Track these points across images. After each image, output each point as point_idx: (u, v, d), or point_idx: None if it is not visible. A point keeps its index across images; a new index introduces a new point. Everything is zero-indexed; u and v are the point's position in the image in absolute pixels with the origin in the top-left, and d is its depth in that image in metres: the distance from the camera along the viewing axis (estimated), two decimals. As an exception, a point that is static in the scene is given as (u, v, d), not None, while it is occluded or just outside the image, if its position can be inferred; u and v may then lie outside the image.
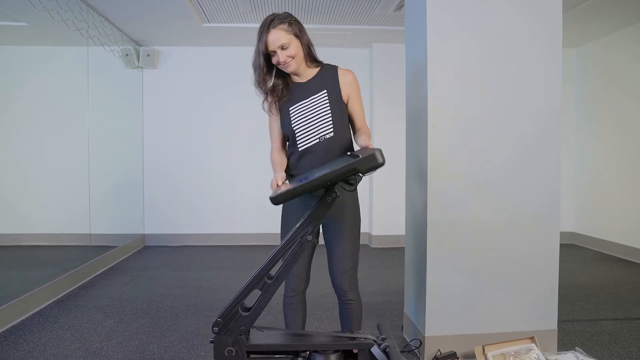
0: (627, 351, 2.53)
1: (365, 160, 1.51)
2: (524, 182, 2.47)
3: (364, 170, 1.52)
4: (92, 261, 4.35)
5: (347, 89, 2.00)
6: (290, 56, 1.90)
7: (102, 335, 2.79)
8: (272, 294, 1.64)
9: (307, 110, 1.97)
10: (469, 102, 2.43)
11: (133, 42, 5.38)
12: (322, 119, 1.95)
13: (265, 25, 1.89)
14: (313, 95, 1.97)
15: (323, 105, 1.96)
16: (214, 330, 1.62)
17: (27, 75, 4.39)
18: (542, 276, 2.51)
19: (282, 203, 1.64)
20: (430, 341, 2.44)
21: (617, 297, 3.51)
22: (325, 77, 1.99)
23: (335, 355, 1.66)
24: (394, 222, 5.57)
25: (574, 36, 5.25)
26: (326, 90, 1.97)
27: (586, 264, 4.69)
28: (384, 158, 1.51)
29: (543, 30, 2.45)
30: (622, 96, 5.00)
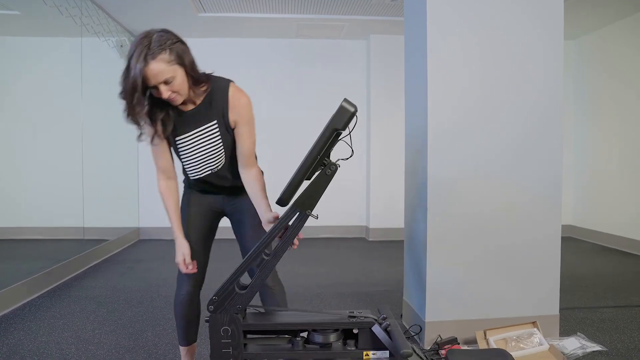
0: (629, 337, 2.50)
1: (338, 115, 1.43)
2: (526, 169, 2.44)
3: (342, 125, 1.43)
4: (85, 252, 4.28)
5: (234, 114, 1.74)
6: (175, 92, 1.60)
7: (95, 324, 2.73)
8: (269, 271, 1.58)
9: (197, 143, 1.76)
10: (470, 93, 2.39)
11: (127, 32, 5.32)
12: (213, 153, 1.78)
13: (140, 55, 1.51)
14: (202, 126, 1.74)
15: (213, 137, 1.76)
16: (209, 308, 1.56)
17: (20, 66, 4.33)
18: (543, 262, 2.48)
19: (289, 201, 1.54)
20: (431, 327, 2.39)
21: (616, 286, 3.48)
22: (215, 101, 1.73)
23: (335, 335, 1.61)
24: (391, 215, 5.54)
25: (572, 28, 5.23)
26: (216, 120, 1.74)
27: (585, 256, 4.66)
28: (353, 104, 1.44)
29: (543, 19, 2.41)
30: (620, 89, 4.98)
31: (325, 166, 1.54)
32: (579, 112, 5.68)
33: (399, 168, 3.23)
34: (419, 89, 2.50)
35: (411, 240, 2.67)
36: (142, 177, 5.73)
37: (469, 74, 2.39)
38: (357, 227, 5.86)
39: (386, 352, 1.59)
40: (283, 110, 5.73)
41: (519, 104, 2.42)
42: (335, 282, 3.69)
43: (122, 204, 5.50)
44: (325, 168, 1.54)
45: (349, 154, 1.60)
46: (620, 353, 2.29)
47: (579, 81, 5.66)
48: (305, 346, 1.61)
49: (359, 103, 5.70)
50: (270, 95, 5.71)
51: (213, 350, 1.57)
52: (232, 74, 5.32)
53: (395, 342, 1.54)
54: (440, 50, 2.37)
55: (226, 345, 1.57)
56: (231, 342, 1.57)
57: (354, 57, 5.77)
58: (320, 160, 1.50)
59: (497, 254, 2.44)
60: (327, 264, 4.29)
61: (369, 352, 1.59)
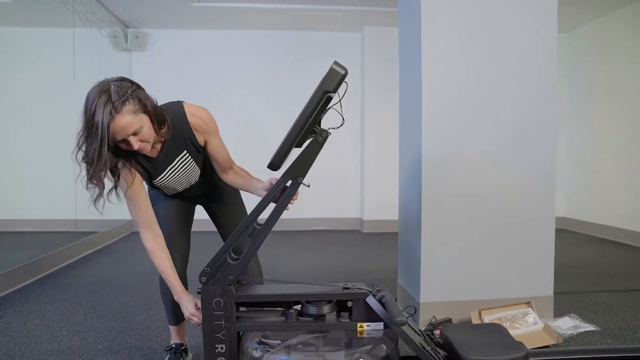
0: (622, 318, 2.50)
1: (328, 76, 1.42)
2: (520, 154, 2.43)
3: (333, 88, 1.41)
4: (77, 242, 4.25)
5: (200, 135, 1.71)
6: (146, 140, 1.52)
7: (87, 309, 2.70)
8: (261, 241, 1.57)
9: (173, 176, 1.75)
10: (465, 83, 2.38)
11: (121, 23, 5.29)
12: (190, 176, 1.79)
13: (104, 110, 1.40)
14: (173, 161, 1.71)
15: (188, 165, 1.75)
16: (202, 280, 1.55)
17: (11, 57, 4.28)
18: (538, 244, 2.47)
19: (281, 165, 1.51)
20: (425, 307, 2.39)
21: (610, 273, 3.49)
22: (178, 133, 1.67)
23: (329, 306, 1.60)
24: (386, 207, 5.53)
25: (565, 21, 5.24)
26: (185, 150, 1.71)
27: (580, 246, 4.68)
28: (344, 66, 1.43)
29: (538, 10, 2.41)
30: (615, 81, 5.00)
31: (316, 133, 1.52)
32: (574, 104, 5.70)
33: (393, 160, 3.21)
34: (413, 79, 2.49)
35: (405, 223, 2.66)
36: (135, 170, 5.69)
37: (464, 65, 2.38)
38: (351, 219, 5.85)
39: (380, 323, 1.58)
40: (276, 102, 5.71)
41: (514, 93, 2.41)
42: (329, 271, 3.67)
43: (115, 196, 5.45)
44: (316, 135, 1.52)
45: (340, 124, 1.58)
46: (614, 333, 2.29)
47: (573, 74, 5.68)
48: (299, 318, 1.59)
49: (353, 96, 5.70)
50: (263, 87, 5.69)
51: (205, 322, 1.56)
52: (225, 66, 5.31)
53: (389, 312, 1.53)
54: (434, 41, 2.36)
55: (218, 317, 1.55)
56: (223, 314, 1.55)
57: (349, 49, 5.76)
58: (311, 126, 1.48)
59: (491, 236, 2.43)
60: (321, 255, 4.28)
61: (363, 324, 1.58)
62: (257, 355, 1.54)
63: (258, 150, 4.29)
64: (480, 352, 1.57)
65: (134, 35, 5.38)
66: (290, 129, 1.47)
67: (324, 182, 5.68)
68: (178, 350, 1.92)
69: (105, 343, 2.19)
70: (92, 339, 2.24)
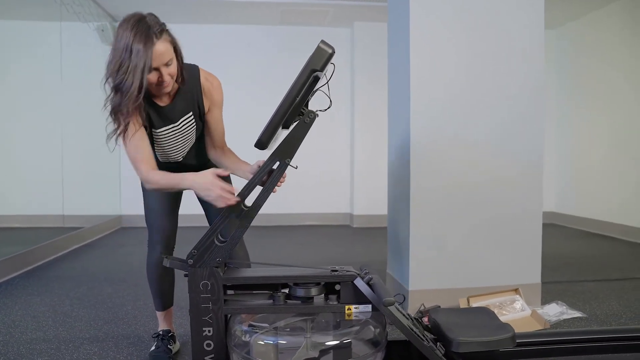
0: (607, 305, 2.53)
1: (315, 55, 1.41)
2: (509, 145, 2.45)
3: (321, 66, 1.41)
4: (65, 236, 4.20)
5: (208, 100, 1.74)
6: (172, 75, 1.56)
7: (74, 300, 2.67)
8: (249, 222, 1.56)
9: (172, 135, 1.72)
10: (453, 78, 2.40)
11: (109, 16, 5.23)
12: (186, 142, 1.77)
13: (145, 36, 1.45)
14: (178, 120, 1.70)
15: (189, 128, 1.74)
16: (189, 262, 1.53)
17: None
18: (525, 232, 2.49)
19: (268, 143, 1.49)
20: (414, 295, 2.39)
21: (597, 264, 3.52)
22: (189, 91, 1.70)
23: (317, 289, 1.60)
24: (375, 202, 5.53)
25: (553, 17, 5.29)
26: (191, 112, 1.72)
27: (568, 239, 4.72)
28: (331, 45, 1.43)
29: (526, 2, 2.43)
30: (603, 77, 5.05)
31: (304, 115, 1.52)
32: (563, 100, 5.75)
33: (384, 155, 3.21)
34: (402, 72, 2.49)
35: (394, 212, 2.67)
36: (123, 164, 5.63)
37: (452, 58, 2.39)
38: (341, 214, 5.85)
39: (368, 306, 1.58)
40: (266, 97, 5.68)
41: (502, 85, 2.43)
42: (319, 264, 3.67)
43: (104, 191, 5.40)
44: (303, 117, 1.52)
45: (327, 106, 1.58)
46: (600, 319, 2.32)
47: (562, 70, 5.74)
48: (287, 301, 1.59)
49: (343, 91, 5.70)
50: (253, 83, 5.67)
51: (192, 305, 1.55)
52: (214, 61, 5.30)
53: (377, 294, 1.53)
54: (423, 34, 2.37)
55: (205, 300, 1.54)
56: (211, 296, 1.54)
57: (338, 45, 5.72)
58: (298, 106, 1.47)
59: (480, 225, 2.45)
60: (311, 249, 4.28)
61: (351, 306, 1.58)
62: (245, 338, 1.53)
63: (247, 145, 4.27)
64: (467, 333, 1.57)
65: (123, 29, 5.33)
66: (276, 108, 1.46)
67: (314, 177, 5.67)
68: (165, 337, 1.90)
69: (91, 332, 2.17)
70: (78, 328, 2.21)
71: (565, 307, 2.40)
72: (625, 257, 3.80)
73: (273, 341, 1.51)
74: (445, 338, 1.57)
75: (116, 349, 1.98)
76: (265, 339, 1.51)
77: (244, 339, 1.54)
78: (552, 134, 5.83)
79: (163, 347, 1.87)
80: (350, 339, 1.54)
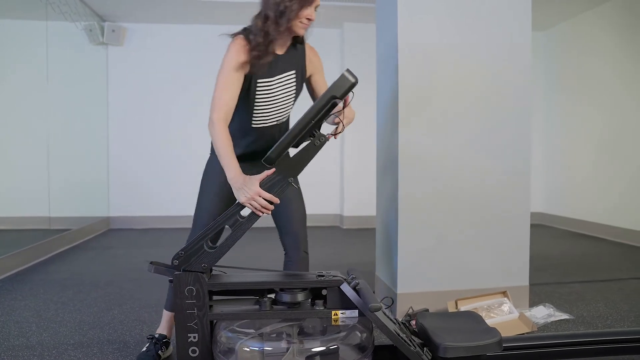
0: (594, 307, 2.55)
1: (338, 82, 1.47)
2: (496, 146, 2.45)
3: (340, 94, 1.46)
4: (51, 239, 4.14)
5: (312, 66, 1.85)
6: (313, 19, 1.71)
7: (58, 304, 2.63)
8: (242, 233, 1.56)
9: (275, 90, 1.78)
10: (441, 77, 2.39)
11: (97, 16, 5.18)
12: (286, 103, 1.82)
13: None
14: (283, 73, 1.78)
15: (290, 87, 1.80)
16: (174, 262, 1.52)
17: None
18: (513, 234, 2.50)
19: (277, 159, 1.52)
20: (402, 298, 2.39)
21: (583, 265, 3.55)
22: (296, 50, 1.81)
23: (303, 294, 1.59)
24: (365, 203, 5.52)
25: (542, 19, 5.32)
26: (295, 70, 1.80)
27: (555, 240, 4.75)
28: (355, 75, 1.46)
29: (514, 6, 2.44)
30: (590, 79, 5.09)
31: (315, 137, 1.54)
32: (550, 103, 5.79)
33: (373, 156, 3.22)
34: (390, 72, 2.49)
35: (383, 214, 2.66)
36: (112, 166, 5.58)
37: (440, 60, 2.39)
38: (331, 215, 5.84)
39: (355, 311, 1.57)
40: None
41: (490, 86, 2.43)
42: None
43: (91, 192, 5.35)
44: (314, 139, 1.55)
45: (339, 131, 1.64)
46: (586, 321, 2.33)
47: (549, 72, 5.78)
48: (273, 307, 1.58)
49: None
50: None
51: (177, 311, 1.53)
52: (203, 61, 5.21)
53: (364, 299, 1.52)
54: (411, 33, 2.36)
55: (191, 306, 1.53)
56: (196, 302, 1.53)
57: (328, 45, 5.74)
58: (312, 128, 1.50)
59: (468, 228, 2.45)
60: (301, 250, 4.26)
61: (337, 312, 1.57)
62: (230, 344, 1.51)
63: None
64: (454, 338, 1.57)
65: (111, 29, 5.28)
66: (292, 128, 1.48)
67: (303, 178, 5.63)
68: (159, 342, 1.88)
69: (76, 337, 2.14)
70: (62, 334, 2.18)
71: (552, 310, 2.41)
72: (611, 258, 3.84)
73: (259, 347, 1.50)
74: (432, 343, 1.57)
75: (101, 354, 1.96)
76: (251, 345, 1.49)
77: (230, 345, 1.52)
78: (540, 136, 5.87)
79: (153, 351, 1.85)
80: (337, 345, 1.53)
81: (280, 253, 1.97)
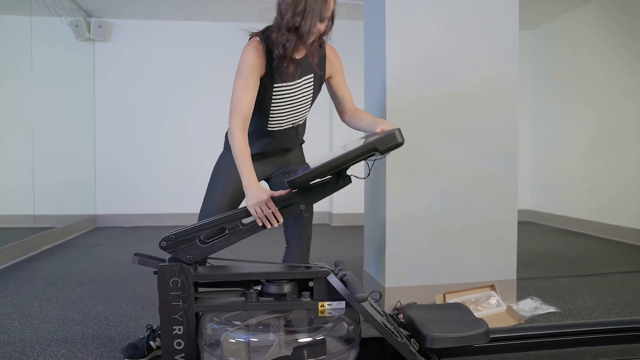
0: (581, 300, 2.57)
1: (385, 138, 1.44)
2: (484, 139, 2.45)
3: (382, 150, 1.44)
4: (37, 236, 4.08)
5: (331, 67, 1.81)
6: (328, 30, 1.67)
7: (42, 301, 2.59)
8: (237, 240, 1.55)
9: (291, 94, 1.75)
10: (429, 75, 2.39)
11: (83, 11, 5.12)
12: (302, 107, 1.80)
13: None
14: (301, 77, 1.74)
15: (307, 92, 1.78)
16: (162, 244, 1.50)
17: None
18: (501, 228, 2.50)
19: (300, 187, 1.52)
20: (391, 292, 2.38)
21: (571, 260, 3.58)
22: (314, 53, 1.74)
23: (289, 286, 1.57)
24: (354, 201, 5.52)
25: (530, 18, 5.36)
26: (313, 74, 1.77)
27: (542, 236, 4.79)
28: (403, 138, 1.43)
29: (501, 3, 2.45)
30: (578, 77, 5.14)
31: (341, 176, 1.54)
32: (538, 101, 5.83)
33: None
34: (377, 69, 2.49)
35: (371, 209, 2.66)
36: (99, 163, 5.52)
37: (428, 58, 2.39)
38: (320, 213, 5.83)
39: (342, 302, 1.56)
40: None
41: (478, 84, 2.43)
42: (297, 261, 3.64)
43: (77, 190, 5.28)
44: (339, 177, 1.55)
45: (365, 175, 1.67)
46: (573, 313, 2.35)
47: (537, 70, 5.82)
48: (259, 298, 1.56)
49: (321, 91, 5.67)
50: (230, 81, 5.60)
51: (162, 303, 1.51)
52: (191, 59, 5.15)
53: (351, 290, 1.51)
54: (398, 30, 2.36)
55: (175, 298, 1.50)
56: (181, 294, 1.50)
57: (318, 43, 5.74)
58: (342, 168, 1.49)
59: (456, 222, 2.45)
60: (289, 247, 4.24)
61: (324, 303, 1.56)
62: (216, 336, 1.49)
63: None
64: (442, 328, 1.57)
65: (97, 24, 5.22)
66: (327, 162, 1.45)
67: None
68: (153, 333, 1.86)
69: (60, 333, 2.10)
70: (46, 330, 2.14)
71: (539, 303, 2.42)
72: (598, 253, 3.87)
73: (245, 339, 1.48)
74: (419, 334, 1.56)
75: (85, 350, 1.92)
76: (237, 337, 1.47)
77: (215, 337, 1.50)
78: (528, 134, 5.92)
79: (144, 340, 1.84)
80: (323, 336, 1.52)
81: (270, 247, 1.96)
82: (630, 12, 4.36)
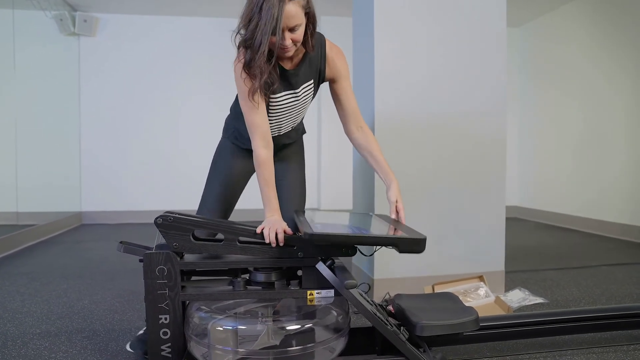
0: (568, 291, 2.58)
1: (411, 242, 1.43)
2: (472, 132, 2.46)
3: (402, 250, 1.43)
4: (19, 232, 4.00)
5: (334, 69, 1.68)
6: (296, 41, 1.50)
7: (25, 296, 2.54)
8: (227, 253, 1.54)
9: (289, 103, 1.68)
10: (417, 69, 2.40)
11: (68, 5, 5.04)
12: (301, 110, 1.75)
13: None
14: (299, 87, 1.66)
15: (306, 97, 1.71)
16: (157, 220, 1.47)
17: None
18: (489, 220, 2.51)
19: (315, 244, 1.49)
20: (379, 284, 2.38)
21: (558, 254, 3.61)
22: (314, 58, 1.65)
23: (278, 274, 1.56)
24: (342, 196, 5.52)
25: (517, 15, 5.40)
26: (312, 80, 1.68)
27: (530, 232, 4.82)
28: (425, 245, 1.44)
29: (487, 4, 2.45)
30: (565, 74, 5.19)
31: None
32: (526, 97, 5.88)
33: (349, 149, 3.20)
34: (366, 64, 2.48)
35: (360, 200, 2.65)
36: (84, 160, 5.44)
37: (417, 54, 2.39)
38: (308, 209, 5.80)
39: (331, 290, 1.55)
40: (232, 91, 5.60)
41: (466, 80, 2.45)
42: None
43: (62, 187, 5.19)
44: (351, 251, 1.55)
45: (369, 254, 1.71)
46: (560, 304, 2.36)
47: (524, 66, 5.87)
48: (247, 287, 1.54)
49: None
50: (217, 77, 5.56)
51: (148, 291, 1.48)
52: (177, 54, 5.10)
53: (339, 278, 1.50)
54: (387, 25, 2.36)
55: (162, 286, 1.48)
56: (167, 282, 1.48)
57: (306, 39, 5.72)
58: None
59: (444, 214, 2.45)
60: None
61: (313, 291, 1.54)
62: (203, 325, 1.47)
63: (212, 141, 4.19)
64: (431, 316, 1.56)
65: (83, 19, 5.14)
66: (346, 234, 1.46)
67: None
68: None
69: (43, 327, 2.06)
70: (28, 324, 2.10)
71: (527, 294, 2.43)
72: (584, 247, 3.91)
73: (232, 327, 1.46)
74: (409, 322, 1.56)
75: (69, 343, 1.88)
76: (224, 325, 1.45)
77: (202, 326, 1.48)
78: (515, 131, 5.96)
79: (144, 335, 1.80)
80: (312, 325, 1.50)
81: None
82: (617, 9, 4.42)
